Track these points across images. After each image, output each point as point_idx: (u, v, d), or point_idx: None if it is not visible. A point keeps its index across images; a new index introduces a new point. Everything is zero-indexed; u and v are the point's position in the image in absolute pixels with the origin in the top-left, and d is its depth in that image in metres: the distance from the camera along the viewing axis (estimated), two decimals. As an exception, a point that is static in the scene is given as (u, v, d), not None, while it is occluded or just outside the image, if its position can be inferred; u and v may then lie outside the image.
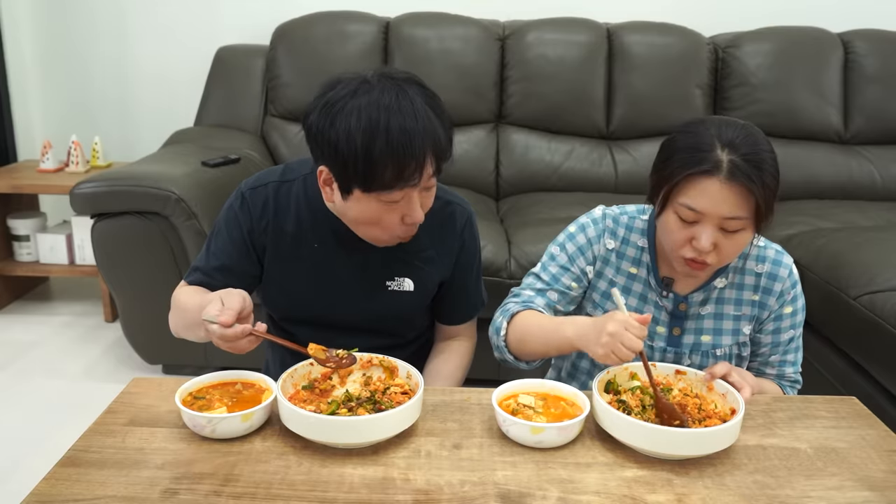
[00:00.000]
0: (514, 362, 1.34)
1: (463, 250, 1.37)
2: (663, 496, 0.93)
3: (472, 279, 1.41)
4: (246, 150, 2.74)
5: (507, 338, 1.32)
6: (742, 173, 1.11)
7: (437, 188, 1.35)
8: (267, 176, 1.33)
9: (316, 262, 1.31)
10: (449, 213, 1.34)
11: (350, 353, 1.16)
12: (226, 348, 1.08)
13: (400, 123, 1.07)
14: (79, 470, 0.95)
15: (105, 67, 3.28)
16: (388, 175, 1.09)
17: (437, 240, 1.33)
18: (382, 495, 0.92)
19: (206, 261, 1.32)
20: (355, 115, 1.08)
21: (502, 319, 1.33)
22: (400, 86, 1.11)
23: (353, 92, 1.10)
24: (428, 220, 1.31)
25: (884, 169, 2.91)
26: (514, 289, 1.40)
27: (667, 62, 2.92)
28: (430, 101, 1.13)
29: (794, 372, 1.36)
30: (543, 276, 1.36)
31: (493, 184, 2.97)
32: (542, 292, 1.35)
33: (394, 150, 1.07)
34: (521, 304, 1.34)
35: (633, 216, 1.35)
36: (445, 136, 1.13)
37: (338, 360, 1.15)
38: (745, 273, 1.31)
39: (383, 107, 1.08)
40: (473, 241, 1.39)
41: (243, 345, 1.06)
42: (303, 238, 1.30)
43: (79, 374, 2.54)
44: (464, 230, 1.36)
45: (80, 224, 2.91)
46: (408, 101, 1.10)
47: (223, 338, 1.05)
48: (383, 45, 2.96)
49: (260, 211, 1.29)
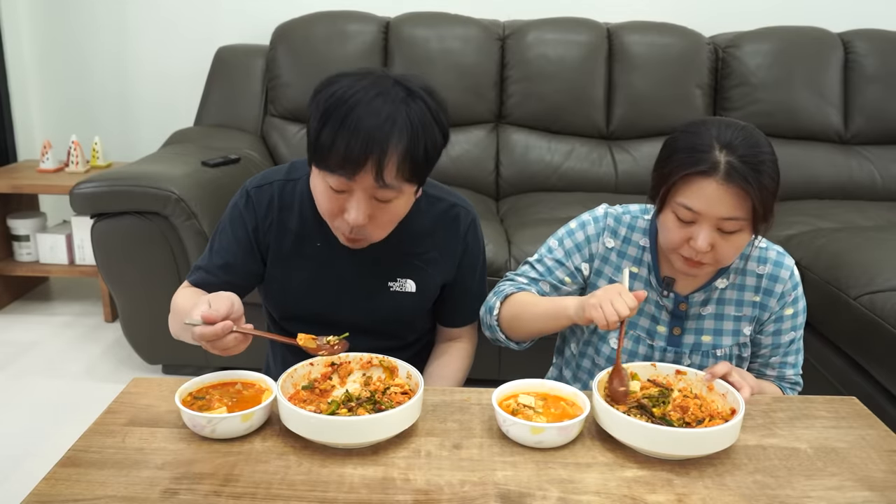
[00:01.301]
0: (504, 341, 1.36)
1: (466, 253, 1.37)
2: (663, 496, 0.94)
3: (474, 282, 1.41)
4: (246, 150, 2.74)
5: (500, 316, 1.34)
6: (739, 175, 1.11)
7: (443, 190, 1.36)
8: (272, 174, 1.33)
9: (318, 261, 1.31)
10: (453, 215, 1.34)
11: (340, 338, 1.16)
12: (211, 349, 1.05)
13: (358, 117, 1.07)
14: (79, 470, 0.95)
15: (105, 67, 3.28)
16: (331, 159, 1.09)
17: (440, 242, 1.33)
18: (382, 495, 0.92)
19: (210, 259, 1.32)
20: (331, 92, 1.09)
21: (496, 300, 1.35)
22: (395, 87, 1.10)
23: (352, 74, 1.12)
24: (432, 222, 1.32)
25: (884, 169, 2.90)
26: (509, 273, 1.41)
27: (667, 62, 2.92)
28: (421, 116, 1.10)
29: (795, 374, 1.36)
30: (538, 267, 1.37)
31: (493, 184, 2.97)
32: (536, 281, 1.37)
33: (340, 137, 1.07)
34: (515, 287, 1.36)
35: (635, 216, 1.36)
36: (412, 152, 1.09)
37: (329, 346, 1.15)
38: (747, 274, 1.31)
39: (357, 95, 1.08)
40: (477, 244, 1.39)
41: (228, 343, 1.03)
42: (306, 236, 1.30)
43: (79, 374, 2.54)
44: (467, 233, 1.36)
45: (80, 224, 2.90)
46: (388, 103, 1.08)
47: (202, 336, 1.02)
48: (383, 45, 2.96)
49: (265, 209, 1.30)
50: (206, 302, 1.05)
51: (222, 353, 1.06)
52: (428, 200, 1.32)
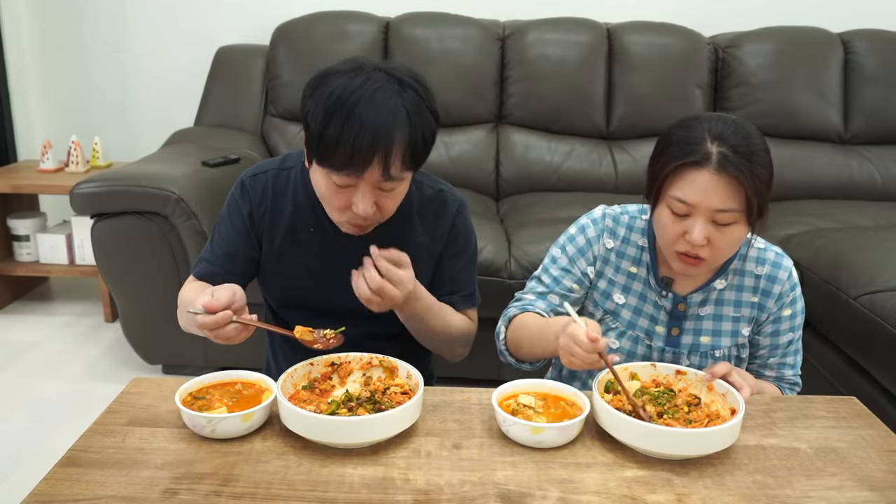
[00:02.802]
0: (516, 364, 1.38)
1: (454, 237, 1.37)
2: (663, 496, 0.94)
3: (462, 268, 1.40)
4: (246, 150, 2.74)
5: (507, 341, 1.36)
6: (731, 164, 1.11)
7: (430, 178, 1.38)
8: (266, 164, 1.37)
9: (312, 247, 1.33)
10: (441, 200, 1.36)
11: (337, 332, 1.17)
12: (213, 338, 1.08)
13: (362, 113, 1.08)
14: (79, 470, 0.95)
15: (105, 67, 3.28)
16: (336, 158, 1.11)
17: (430, 227, 1.36)
18: (382, 495, 0.92)
19: (211, 250, 1.35)
20: (329, 91, 1.10)
21: (501, 324, 1.37)
22: (389, 80, 1.12)
23: (345, 71, 1.13)
24: (422, 207, 1.34)
25: (884, 169, 2.90)
26: (518, 293, 1.42)
27: (667, 62, 2.92)
28: (416, 105, 1.12)
29: (794, 374, 1.36)
30: (545, 280, 1.37)
31: (493, 184, 2.97)
32: (544, 296, 1.36)
33: (345, 136, 1.08)
34: (520, 308, 1.36)
35: (634, 216, 1.36)
36: (413, 142, 1.12)
37: (325, 340, 1.16)
38: (745, 275, 1.31)
39: (357, 92, 1.09)
40: (465, 228, 1.39)
41: (229, 332, 1.06)
42: (299, 222, 1.32)
43: (79, 374, 2.54)
44: (455, 217, 1.37)
45: (80, 224, 2.90)
46: (387, 95, 1.10)
47: (203, 325, 1.05)
48: (383, 45, 2.96)
49: (259, 196, 1.33)
50: (210, 292, 1.08)
51: (225, 342, 1.09)
52: (416, 187, 1.34)
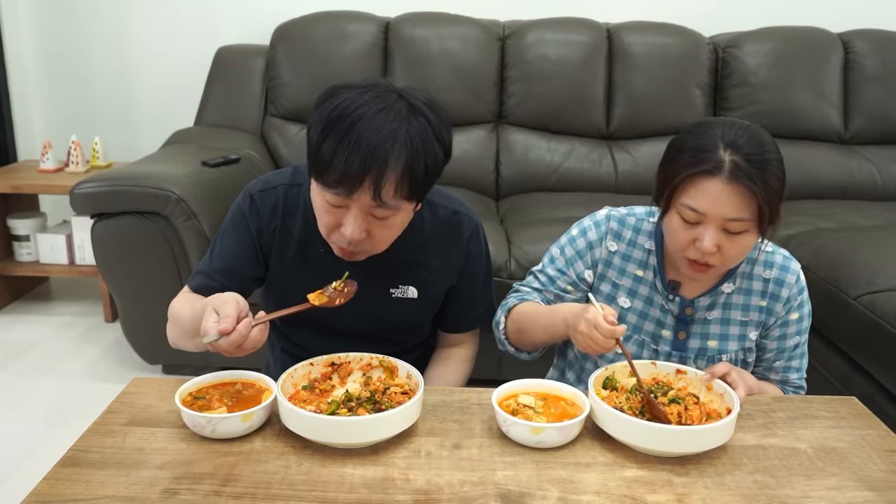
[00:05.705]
0: (515, 353, 1.38)
1: (469, 261, 1.35)
2: (663, 496, 0.94)
3: (477, 289, 1.40)
4: (246, 150, 2.74)
5: (507, 330, 1.36)
6: (744, 174, 1.10)
7: (445, 197, 1.34)
8: (276, 178, 1.31)
9: (321, 266, 1.29)
10: (456, 223, 1.33)
11: (344, 279, 1.15)
12: (241, 353, 1.03)
13: (360, 132, 1.04)
14: (79, 470, 0.95)
15: (105, 67, 3.28)
16: (329, 175, 1.07)
17: (443, 250, 1.32)
18: (382, 495, 0.92)
19: (210, 263, 1.31)
20: (335, 104, 1.07)
21: (501, 314, 1.37)
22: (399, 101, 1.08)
23: (357, 86, 1.10)
24: (435, 230, 1.30)
25: (884, 169, 2.91)
26: (516, 284, 1.42)
27: (667, 62, 2.92)
28: (422, 132, 1.08)
29: (799, 378, 1.36)
30: (541, 277, 1.38)
31: (493, 184, 2.97)
32: (539, 292, 1.37)
33: (339, 153, 1.05)
34: (519, 298, 1.36)
35: (640, 218, 1.34)
36: (411, 169, 1.07)
37: (338, 292, 1.14)
38: (753, 278, 1.30)
39: (360, 110, 1.06)
40: (480, 251, 1.37)
41: (256, 336, 1.02)
42: (309, 242, 1.29)
43: (79, 374, 2.54)
44: (470, 240, 1.34)
45: (80, 224, 2.90)
46: (390, 117, 1.06)
47: (231, 344, 1.00)
48: (383, 45, 2.95)
49: (269, 213, 1.28)
50: (212, 311, 1.03)
51: (252, 350, 1.03)
52: (430, 208, 1.31)
